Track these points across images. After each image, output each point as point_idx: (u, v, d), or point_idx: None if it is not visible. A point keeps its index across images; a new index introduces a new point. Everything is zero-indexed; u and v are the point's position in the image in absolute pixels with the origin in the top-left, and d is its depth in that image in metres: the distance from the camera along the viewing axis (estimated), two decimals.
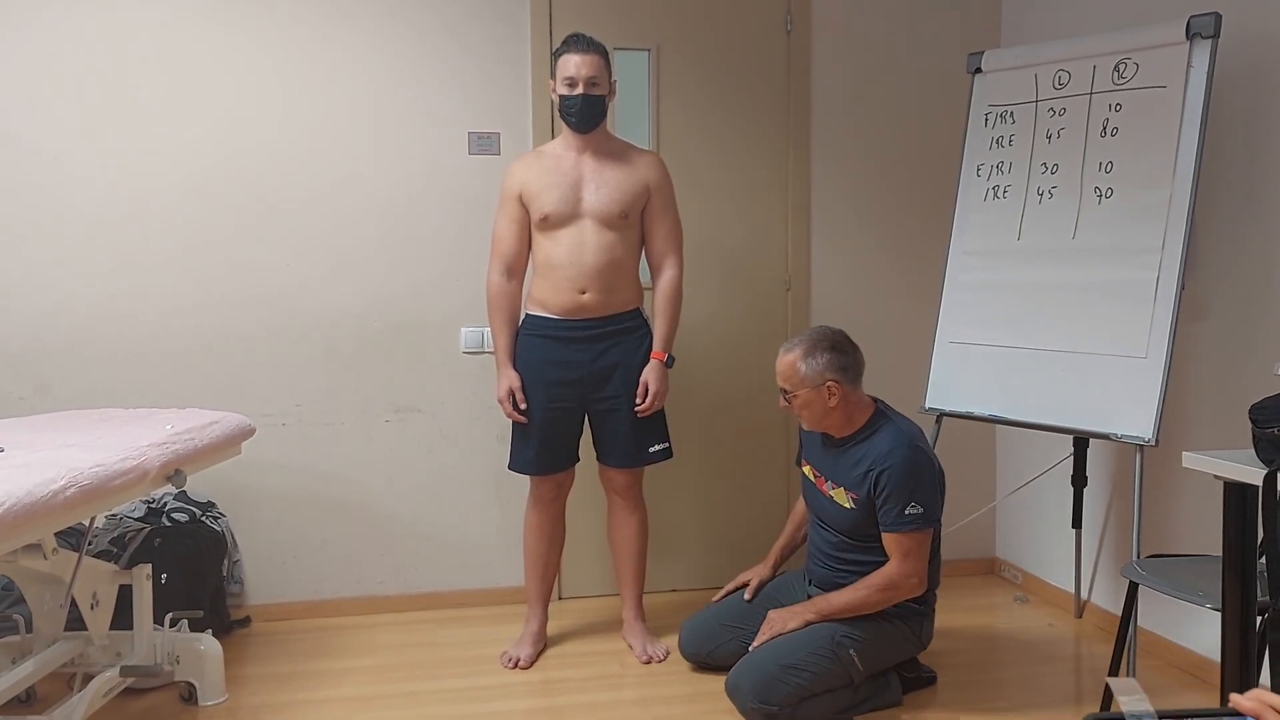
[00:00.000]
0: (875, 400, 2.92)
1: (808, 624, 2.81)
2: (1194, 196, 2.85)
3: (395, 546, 3.73)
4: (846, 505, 2.85)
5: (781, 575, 3.18)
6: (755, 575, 3.16)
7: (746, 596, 3.11)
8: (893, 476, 2.74)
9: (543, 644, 3.32)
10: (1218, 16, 2.82)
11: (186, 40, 3.49)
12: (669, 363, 3.20)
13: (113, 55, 3.45)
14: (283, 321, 3.61)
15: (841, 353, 2.82)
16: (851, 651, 2.75)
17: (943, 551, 2.98)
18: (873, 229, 3.98)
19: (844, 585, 2.85)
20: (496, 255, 3.20)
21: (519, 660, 3.20)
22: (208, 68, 3.51)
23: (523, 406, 3.16)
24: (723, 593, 3.20)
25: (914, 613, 2.87)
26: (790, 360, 2.83)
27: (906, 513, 2.73)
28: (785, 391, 2.86)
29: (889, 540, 2.78)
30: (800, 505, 3.23)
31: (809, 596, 2.96)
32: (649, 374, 3.16)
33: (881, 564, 2.81)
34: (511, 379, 3.16)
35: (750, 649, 2.83)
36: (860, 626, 2.79)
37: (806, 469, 3.04)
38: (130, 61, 3.46)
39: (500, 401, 3.18)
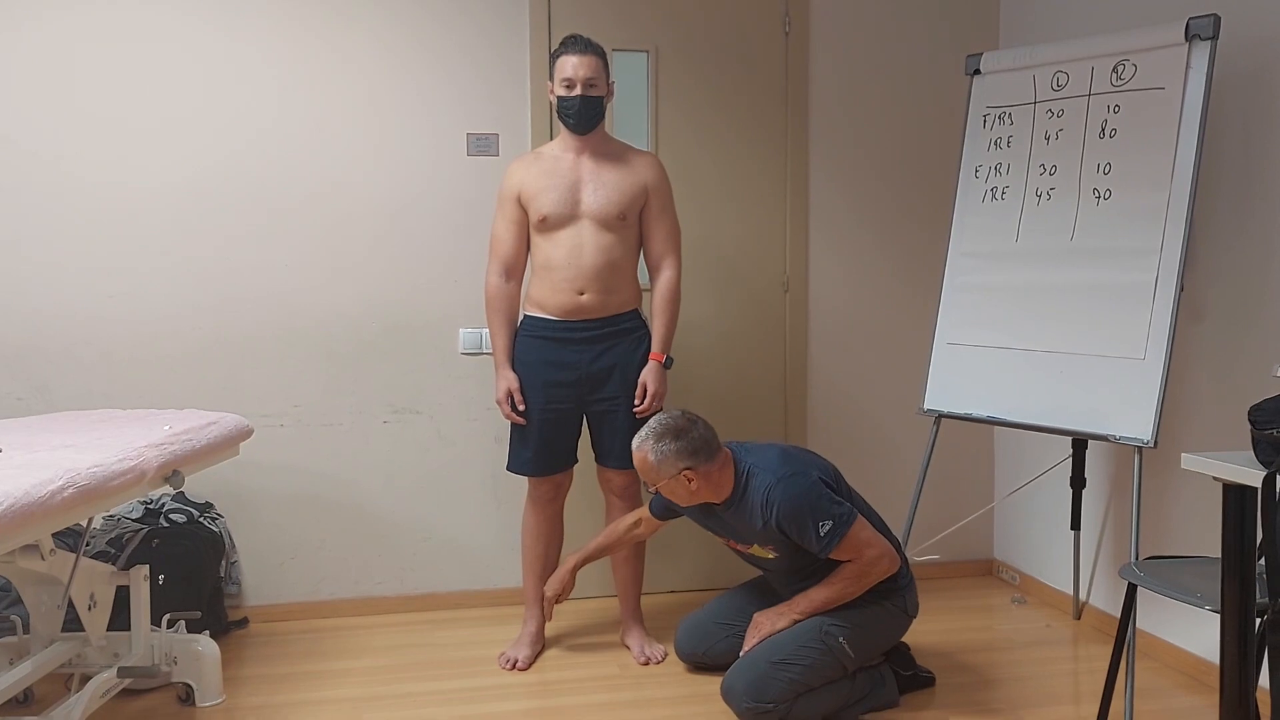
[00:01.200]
0: (730, 450, 2.86)
1: (794, 623, 2.81)
2: (1193, 198, 2.85)
3: (393, 548, 3.73)
4: (771, 555, 2.86)
5: (757, 581, 3.17)
6: (554, 589, 3.12)
7: (548, 614, 3.15)
8: (786, 518, 2.72)
9: (540, 645, 3.31)
10: (1216, 18, 2.83)
11: (185, 42, 3.49)
12: (667, 364, 3.20)
13: (112, 56, 3.45)
14: (281, 323, 3.60)
15: (686, 438, 2.76)
16: (841, 639, 2.75)
17: (942, 553, 2.97)
18: (871, 230, 3.98)
19: None
20: (495, 256, 3.20)
21: (517, 661, 3.20)
22: (206, 69, 3.51)
23: (521, 408, 3.16)
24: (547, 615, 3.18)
25: (894, 589, 2.86)
26: (641, 457, 2.80)
27: (822, 534, 2.72)
28: (646, 485, 2.86)
29: (834, 556, 2.77)
30: (620, 525, 3.17)
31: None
32: (647, 375, 3.16)
33: (833, 566, 2.81)
34: (510, 380, 3.16)
35: (741, 654, 2.82)
36: (846, 613, 2.79)
37: (720, 540, 3.02)
38: (129, 63, 3.46)
39: (499, 403, 3.18)
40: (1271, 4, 2.82)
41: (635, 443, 2.83)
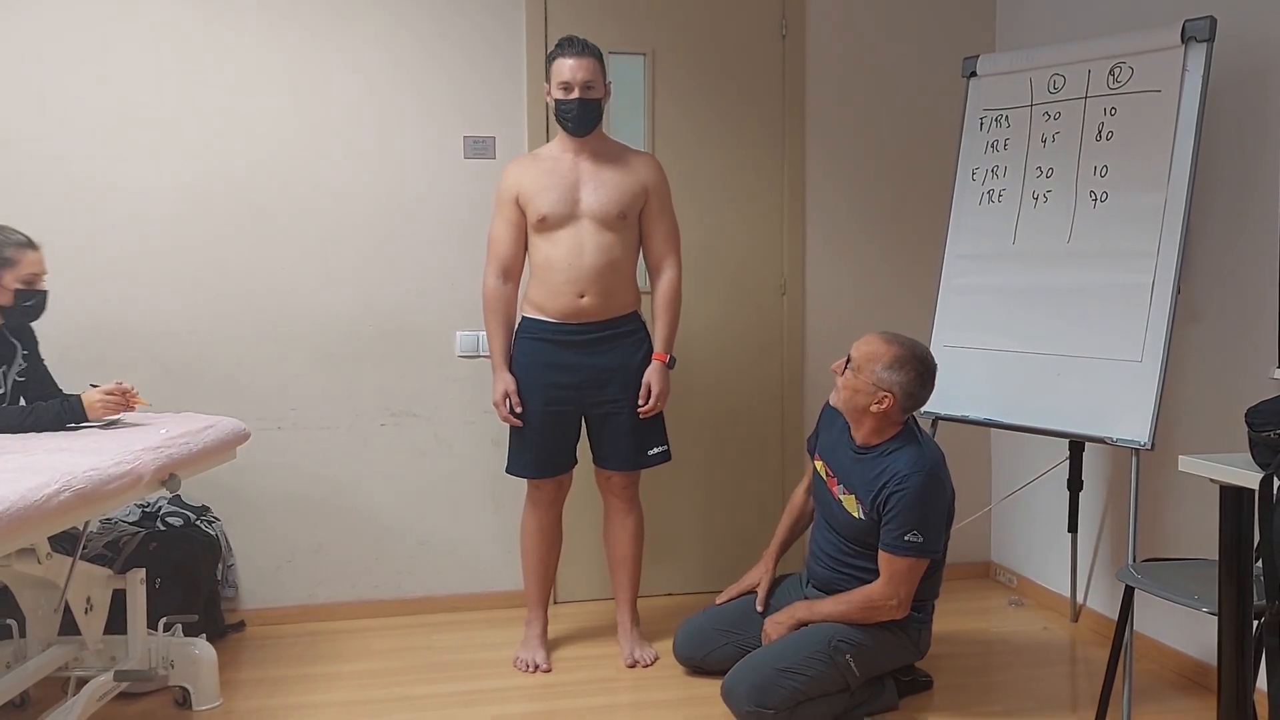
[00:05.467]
0: (909, 419, 2.90)
1: (796, 621, 2.83)
2: (1189, 200, 2.85)
3: (390, 551, 3.72)
4: (855, 514, 2.85)
5: (780, 584, 3.18)
6: (759, 580, 3.13)
7: (758, 606, 3.08)
8: (902, 500, 2.72)
9: (547, 645, 3.31)
10: (1213, 20, 2.83)
11: (182, 45, 3.49)
12: (670, 364, 3.19)
13: (109, 60, 3.44)
14: (278, 326, 3.60)
15: (921, 384, 2.80)
16: (848, 657, 2.75)
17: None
18: (868, 233, 3.99)
19: (844, 589, 2.85)
20: (492, 258, 3.19)
21: (538, 665, 3.19)
22: (202, 72, 3.51)
23: (518, 410, 3.15)
24: (726, 596, 3.18)
25: (912, 621, 2.86)
26: (878, 351, 2.80)
27: (906, 539, 2.72)
28: (849, 362, 2.85)
29: (882, 557, 2.77)
30: (797, 498, 3.22)
31: (806, 598, 2.96)
32: (651, 375, 3.16)
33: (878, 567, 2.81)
34: (507, 382, 3.15)
35: None
36: (857, 633, 2.78)
37: (819, 464, 3.02)
38: (126, 66, 3.46)
39: (496, 405, 3.18)
40: (1268, 6, 2.82)
41: (885, 336, 2.84)
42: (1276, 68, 2.80)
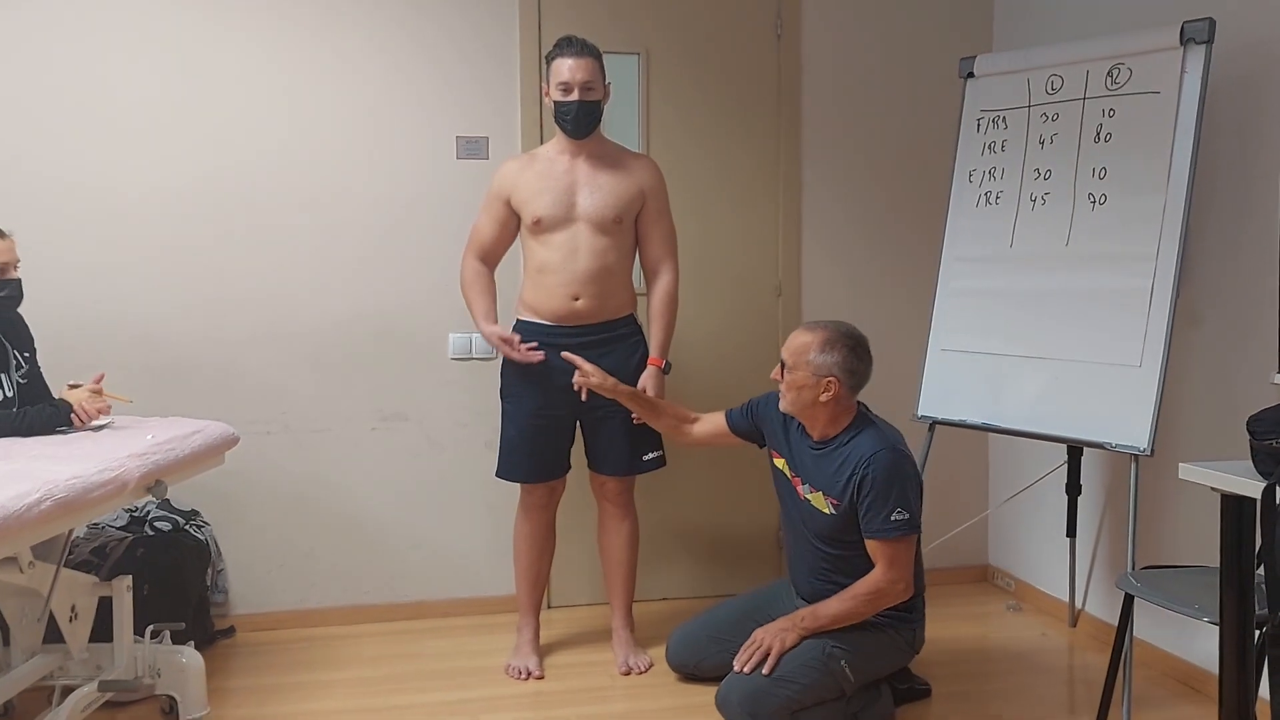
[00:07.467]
0: (859, 404, 2.88)
1: (801, 638, 2.75)
2: (1188, 202, 2.82)
3: (382, 555, 3.69)
4: (826, 510, 2.81)
5: (770, 586, 3.14)
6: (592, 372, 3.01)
7: (577, 383, 3.00)
8: (876, 482, 2.70)
9: (540, 651, 3.28)
10: (1212, 22, 2.81)
11: (175, 46, 3.45)
12: (666, 369, 3.17)
13: (103, 63, 3.41)
14: (269, 329, 3.56)
15: (857, 358, 2.78)
16: (843, 663, 2.72)
17: (937, 559, 2.95)
18: (865, 234, 3.96)
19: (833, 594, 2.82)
20: (472, 244, 3.18)
21: (531, 672, 3.16)
22: (195, 73, 3.47)
23: (524, 347, 3.06)
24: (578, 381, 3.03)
25: (904, 620, 2.83)
26: (805, 342, 2.79)
27: (892, 519, 2.69)
28: (784, 364, 2.82)
29: (873, 546, 2.74)
30: (683, 409, 3.13)
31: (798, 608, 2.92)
32: (647, 381, 3.13)
33: (865, 562, 2.77)
34: (499, 329, 3.07)
35: (734, 667, 2.74)
36: (851, 637, 2.75)
37: (780, 462, 2.98)
38: (117, 68, 3.42)
39: (503, 341, 3.05)
40: (1267, 7, 2.80)
41: (805, 327, 2.83)
42: (1276, 69, 2.77)
